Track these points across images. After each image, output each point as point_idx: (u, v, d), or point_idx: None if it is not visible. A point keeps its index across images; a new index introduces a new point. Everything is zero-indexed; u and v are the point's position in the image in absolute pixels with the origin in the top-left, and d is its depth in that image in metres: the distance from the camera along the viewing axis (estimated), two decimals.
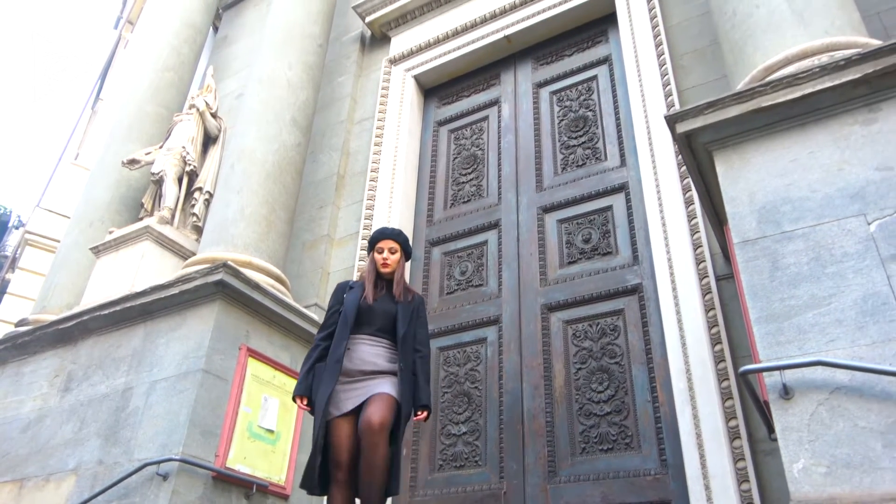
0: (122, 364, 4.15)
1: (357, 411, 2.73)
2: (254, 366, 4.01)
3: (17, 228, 12.24)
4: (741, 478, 2.93)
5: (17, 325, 5.33)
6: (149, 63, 6.69)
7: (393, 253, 3.09)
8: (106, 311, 4.33)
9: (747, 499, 2.88)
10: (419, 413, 2.83)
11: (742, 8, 3.13)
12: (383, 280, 3.08)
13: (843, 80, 2.41)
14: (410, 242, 5.04)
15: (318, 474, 2.74)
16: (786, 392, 2.08)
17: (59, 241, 9.10)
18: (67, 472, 3.91)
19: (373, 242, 3.16)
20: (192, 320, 3.97)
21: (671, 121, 2.72)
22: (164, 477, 3.40)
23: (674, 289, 3.57)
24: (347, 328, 2.85)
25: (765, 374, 2.15)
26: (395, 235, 3.16)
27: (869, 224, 2.22)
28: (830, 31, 2.80)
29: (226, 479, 3.60)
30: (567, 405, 3.81)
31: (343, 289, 3.09)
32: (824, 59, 2.61)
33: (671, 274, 3.63)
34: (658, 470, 3.37)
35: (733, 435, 3.03)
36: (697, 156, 2.78)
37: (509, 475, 3.76)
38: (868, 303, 2.10)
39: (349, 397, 2.74)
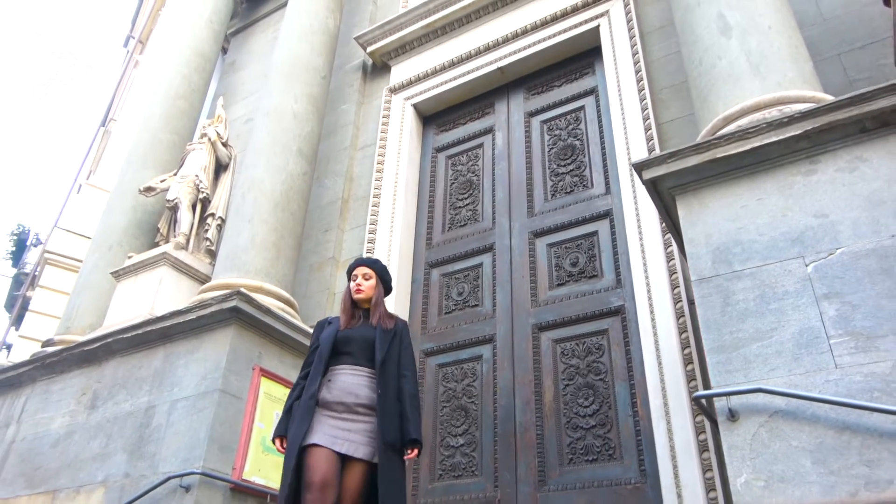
0: (144, 384, 4.49)
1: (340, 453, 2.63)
2: (266, 384, 4.34)
3: (35, 246, 12.65)
4: (709, 486, 3.24)
5: (44, 345, 5.68)
6: (161, 91, 7.05)
7: (367, 279, 3.06)
8: (128, 335, 4.67)
9: None
10: (409, 452, 2.70)
11: (707, 59, 3.44)
12: (360, 309, 3.04)
13: (787, 135, 2.73)
14: (411, 264, 5.40)
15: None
16: (731, 415, 2.40)
17: (76, 260, 9.51)
18: (97, 484, 4.25)
19: (349, 272, 3.14)
20: (209, 343, 4.30)
21: (638, 168, 3.04)
22: (187, 489, 3.73)
23: (651, 311, 3.89)
24: (322, 363, 2.78)
25: (716, 398, 2.46)
26: (370, 263, 3.16)
27: (807, 266, 2.53)
28: (783, 84, 3.11)
29: (242, 490, 3.93)
30: (556, 419, 4.12)
31: (322, 326, 3.06)
32: (774, 112, 2.92)
33: (649, 297, 3.94)
34: (638, 479, 3.68)
35: (702, 448, 3.34)
36: (663, 198, 3.09)
37: (503, 484, 4.08)
38: (804, 336, 2.42)
39: (336, 436, 2.62)
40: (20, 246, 13.91)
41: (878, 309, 2.33)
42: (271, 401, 4.33)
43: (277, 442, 2.77)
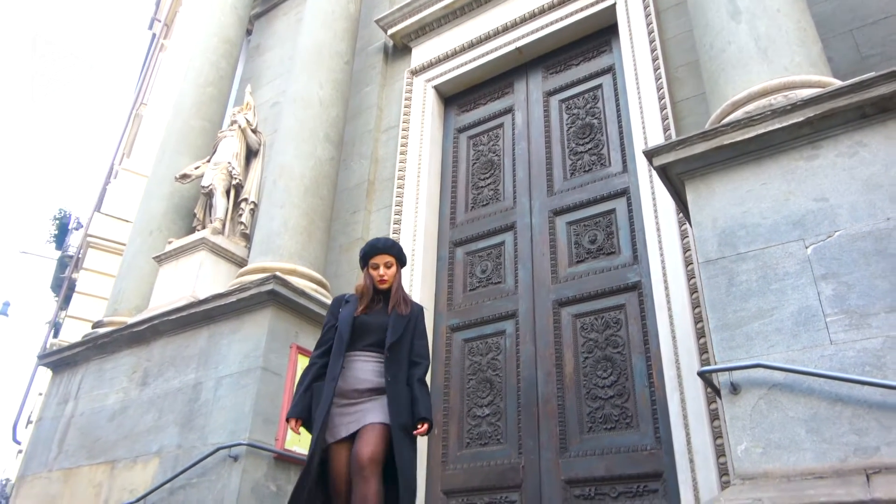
0: (191, 362, 4.82)
1: (352, 437, 2.68)
2: (303, 361, 4.62)
3: (76, 230, 13.20)
4: (719, 452, 3.45)
5: (94, 326, 6.06)
6: (190, 79, 7.30)
7: (388, 267, 3.03)
8: (174, 316, 5.00)
9: (724, 470, 3.40)
10: (419, 426, 2.74)
11: (717, 43, 3.54)
12: (380, 293, 3.01)
13: (791, 122, 2.85)
14: (436, 243, 5.62)
15: (306, 498, 2.63)
16: (733, 388, 2.59)
17: (117, 243, 9.94)
18: (152, 454, 4.62)
19: (366, 258, 3.06)
20: (250, 324, 4.60)
21: (649, 155, 3.19)
22: (235, 458, 4.07)
23: (666, 287, 4.06)
24: (343, 345, 2.77)
25: (719, 373, 2.65)
26: (389, 248, 3.10)
27: (807, 248, 2.69)
28: (790, 68, 3.21)
29: (285, 459, 4.25)
30: (576, 389, 4.35)
31: (339, 303, 3.03)
32: (780, 98, 3.04)
33: (664, 273, 4.11)
34: (653, 446, 3.91)
35: (713, 416, 3.54)
36: (673, 182, 3.24)
37: (526, 451, 4.34)
38: (802, 315, 2.59)
39: (343, 423, 2.67)
40: (62, 230, 14.53)
41: (871, 288, 2.49)
42: None
43: (292, 422, 2.76)
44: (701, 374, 2.79)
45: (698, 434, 3.55)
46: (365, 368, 2.76)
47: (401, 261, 3.15)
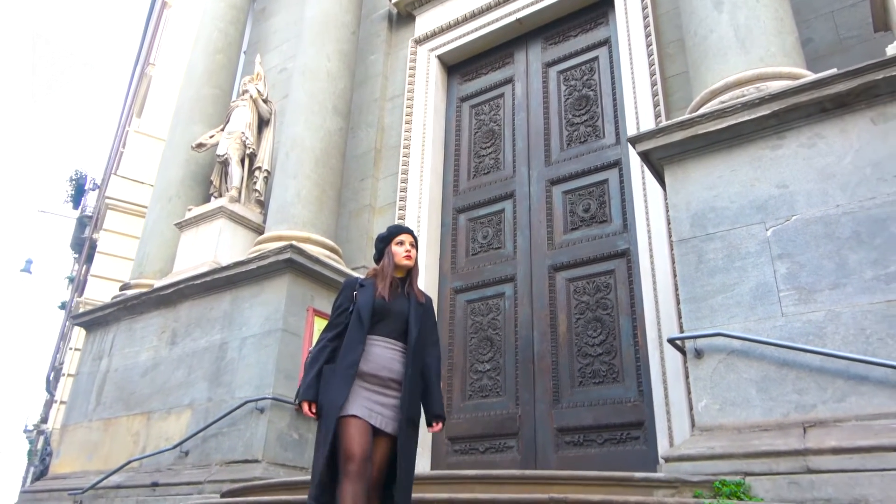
0: (216, 324, 5.26)
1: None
2: (319, 322, 5.05)
3: (92, 190, 13.56)
4: (692, 406, 3.86)
5: (122, 288, 6.50)
6: (200, 48, 7.52)
7: (413, 247, 2.94)
8: (198, 281, 5.41)
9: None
10: (434, 424, 2.74)
11: (700, 31, 3.80)
12: (397, 278, 2.89)
13: (759, 114, 3.15)
14: (440, 210, 5.97)
15: (327, 484, 2.50)
16: (697, 354, 2.99)
17: (134, 205, 10.32)
18: (184, 406, 5.11)
19: (388, 238, 2.95)
20: (269, 289, 5.01)
21: (632, 141, 3.51)
22: (262, 411, 4.54)
23: (651, 256, 4.42)
24: (363, 330, 2.66)
25: (685, 340, 3.04)
26: (412, 232, 3.02)
27: (767, 230, 3.03)
28: (765, 59, 3.48)
29: None
30: (568, 348, 4.77)
31: (352, 286, 2.86)
32: (752, 89, 3.33)
33: (650, 242, 4.46)
34: (636, 398, 4.34)
35: (688, 374, 3.92)
36: (654, 165, 3.56)
37: (523, 403, 4.80)
38: (759, 290, 2.95)
39: (372, 409, 2.56)
40: (79, 190, 14.92)
41: (819, 268, 2.84)
42: None
43: (305, 406, 2.62)
44: (670, 341, 3.19)
45: (675, 389, 3.97)
46: (385, 356, 2.66)
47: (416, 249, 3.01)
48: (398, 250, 2.90)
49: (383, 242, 2.97)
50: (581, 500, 2.49)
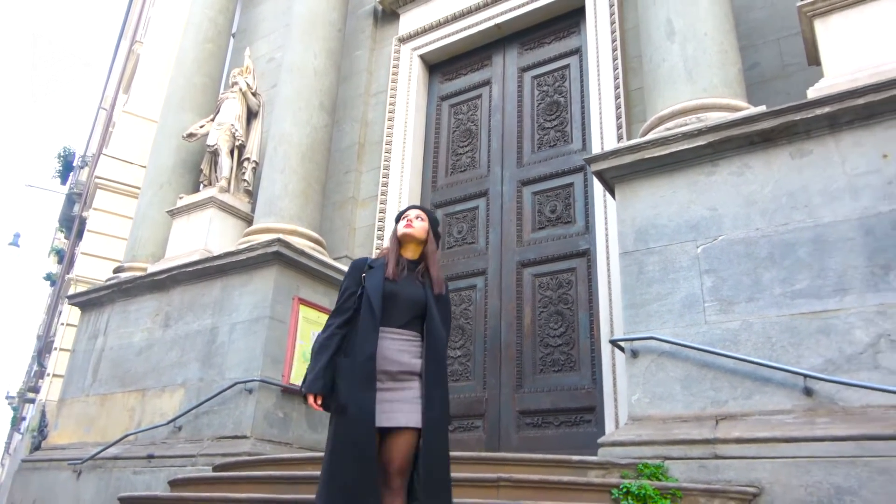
0: (207, 309, 5.65)
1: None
2: (304, 311, 5.46)
3: (80, 168, 13.72)
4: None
5: (115, 270, 6.84)
6: (190, 36, 7.75)
7: (418, 220, 2.69)
8: (191, 269, 5.78)
9: None
10: None
11: (655, 58, 4.19)
12: (405, 260, 2.67)
13: (696, 143, 3.57)
14: (419, 203, 6.35)
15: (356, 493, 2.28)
16: (633, 354, 3.44)
17: (123, 184, 10.57)
18: (177, 385, 5.52)
19: (396, 220, 2.77)
20: (258, 279, 5.40)
21: (588, 161, 3.92)
22: (250, 391, 4.96)
23: (608, 257, 4.86)
24: (376, 320, 2.46)
25: (623, 342, 3.50)
26: (422, 208, 2.83)
27: (698, 248, 3.47)
28: (708, 89, 3.88)
29: (290, 392, 5.14)
30: (532, 338, 5.22)
31: (360, 268, 2.65)
32: (693, 119, 3.74)
33: (607, 244, 4.90)
34: (590, 386, 4.82)
35: None
36: (608, 183, 3.98)
37: (490, 387, 5.26)
38: (688, 300, 3.40)
39: (382, 409, 2.39)
40: (66, 166, 15.07)
41: (738, 283, 3.29)
42: (308, 323, 5.48)
43: (311, 398, 2.45)
44: (612, 342, 3.64)
45: (622, 380, 4.44)
46: (393, 348, 2.47)
47: (434, 228, 2.78)
48: (399, 225, 2.72)
49: (395, 224, 2.80)
50: (524, 479, 2.94)
